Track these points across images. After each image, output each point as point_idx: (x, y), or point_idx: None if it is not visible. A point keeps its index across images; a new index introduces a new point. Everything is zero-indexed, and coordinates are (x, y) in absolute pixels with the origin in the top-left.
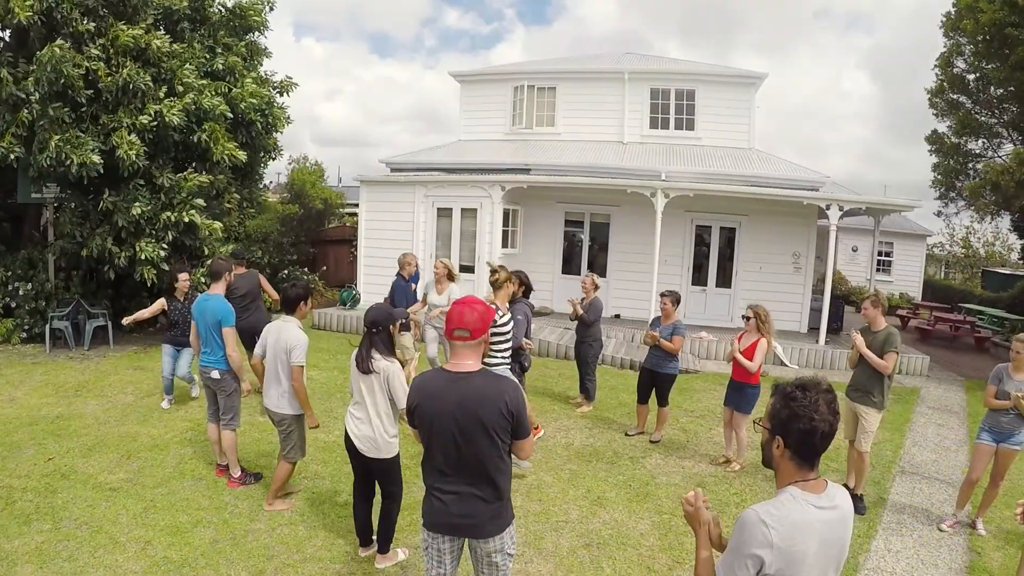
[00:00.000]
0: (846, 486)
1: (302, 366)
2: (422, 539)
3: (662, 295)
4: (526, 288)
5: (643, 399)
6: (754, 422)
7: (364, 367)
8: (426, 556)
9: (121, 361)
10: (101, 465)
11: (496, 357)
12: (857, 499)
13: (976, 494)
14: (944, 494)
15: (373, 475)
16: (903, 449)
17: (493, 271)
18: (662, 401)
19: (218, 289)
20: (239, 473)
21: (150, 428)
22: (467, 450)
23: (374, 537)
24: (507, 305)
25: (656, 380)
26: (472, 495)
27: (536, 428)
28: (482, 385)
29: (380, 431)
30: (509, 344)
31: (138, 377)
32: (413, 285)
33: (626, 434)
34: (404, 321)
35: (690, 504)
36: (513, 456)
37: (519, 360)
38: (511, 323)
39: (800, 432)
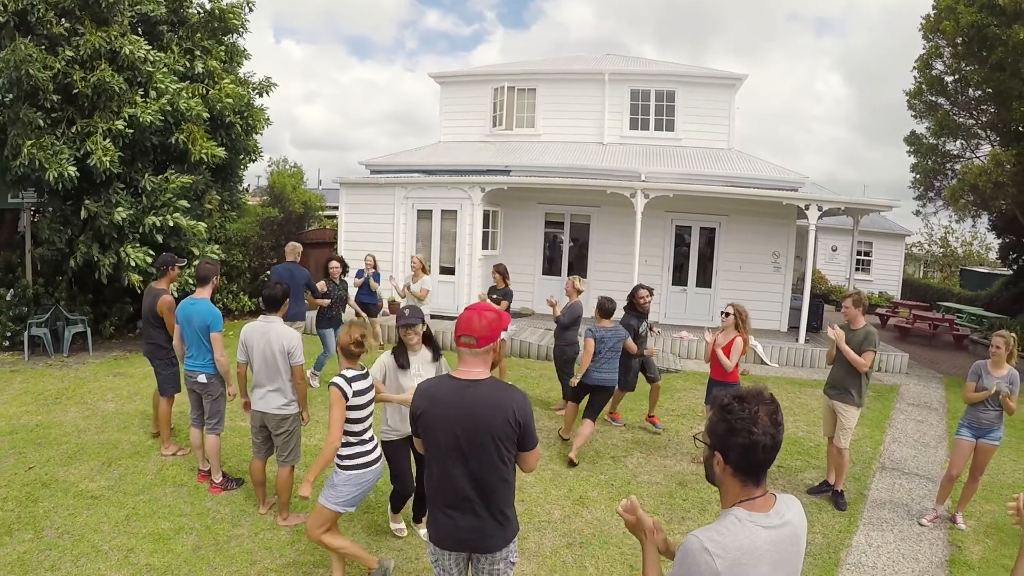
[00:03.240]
0: (826, 482)
1: (303, 365)
2: (429, 552)
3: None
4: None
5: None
6: (694, 437)
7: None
8: (435, 568)
9: (101, 367)
10: (82, 473)
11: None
12: (838, 495)
13: (956, 489)
14: (924, 489)
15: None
16: (883, 445)
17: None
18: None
19: (204, 293)
20: (220, 478)
21: (131, 435)
22: (472, 460)
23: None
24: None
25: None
26: (478, 509)
27: (615, 415)
28: (490, 393)
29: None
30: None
31: (118, 383)
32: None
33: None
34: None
35: (629, 513)
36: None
37: None
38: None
39: (740, 447)
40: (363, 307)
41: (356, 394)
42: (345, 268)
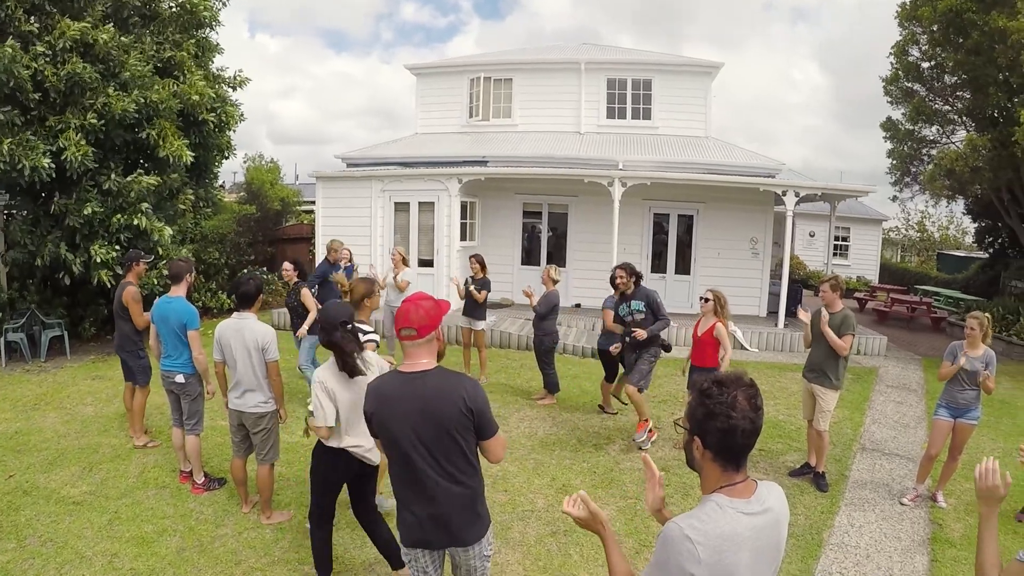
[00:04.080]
0: (807, 465)
1: (278, 361)
2: (403, 554)
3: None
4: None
5: (611, 378)
6: (674, 422)
7: (349, 370)
8: (411, 569)
9: (79, 371)
10: (63, 479)
11: None
12: (819, 477)
13: (936, 468)
14: (904, 469)
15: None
16: (863, 427)
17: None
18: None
19: (180, 291)
20: (203, 479)
21: (111, 438)
22: (432, 454)
23: None
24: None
25: (603, 356)
26: (444, 504)
27: (644, 421)
28: (438, 383)
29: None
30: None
31: (97, 387)
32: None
33: (604, 411)
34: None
35: (576, 512)
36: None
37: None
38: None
39: (718, 431)
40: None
41: None
42: (301, 271)
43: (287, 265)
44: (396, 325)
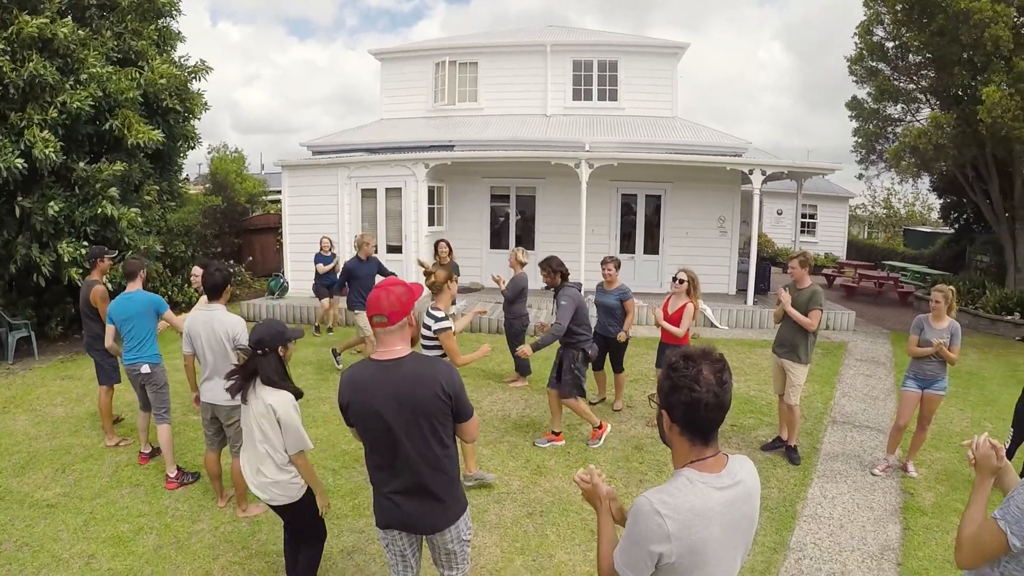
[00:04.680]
0: (779, 439)
1: None
2: (380, 538)
3: (603, 262)
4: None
5: (598, 366)
6: (648, 397)
7: (243, 396)
8: (388, 553)
9: (48, 372)
10: (36, 482)
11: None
12: (791, 450)
13: (905, 439)
14: (875, 441)
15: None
16: (833, 400)
17: (427, 273)
18: (617, 367)
19: (136, 286)
20: (175, 472)
21: (83, 439)
22: (408, 440)
23: None
24: (451, 307)
25: (609, 345)
26: (421, 489)
27: (597, 428)
28: (414, 369)
29: (275, 474)
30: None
31: (67, 387)
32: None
33: (590, 403)
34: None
35: (586, 481)
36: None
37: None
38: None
39: (682, 404)
40: (318, 290)
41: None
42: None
43: (196, 270)
44: (368, 312)
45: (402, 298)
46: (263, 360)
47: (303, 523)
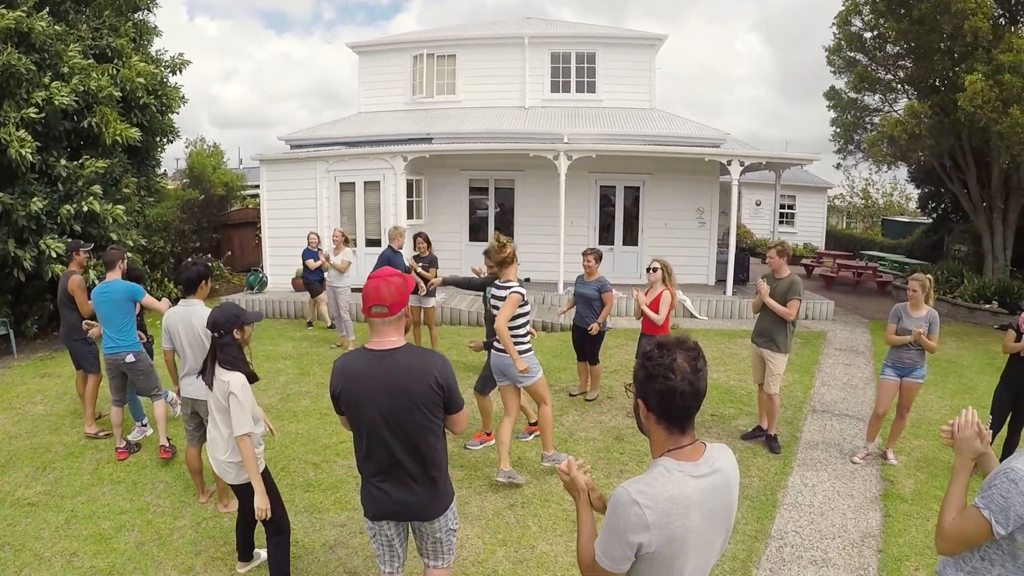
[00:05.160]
0: (759, 428)
1: None
2: (367, 527)
3: (584, 253)
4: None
5: (581, 356)
6: (626, 386)
7: (207, 380)
8: (374, 543)
9: (27, 370)
10: (17, 480)
11: (522, 343)
12: (771, 439)
13: (885, 427)
14: (855, 429)
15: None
16: (813, 389)
17: (502, 245)
18: (592, 359)
19: (114, 276)
20: (167, 442)
21: (63, 436)
22: (400, 430)
23: (258, 551)
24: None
25: (584, 337)
26: (410, 479)
27: (485, 435)
28: (409, 360)
29: (231, 454)
30: (528, 326)
31: (46, 384)
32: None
33: (569, 394)
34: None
35: (565, 473)
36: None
37: None
38: (527, 304)
39: (657, 393)
40: (308, 285)
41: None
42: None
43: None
44: (366, 303)
45: (401, 289)
46: (220, 342)
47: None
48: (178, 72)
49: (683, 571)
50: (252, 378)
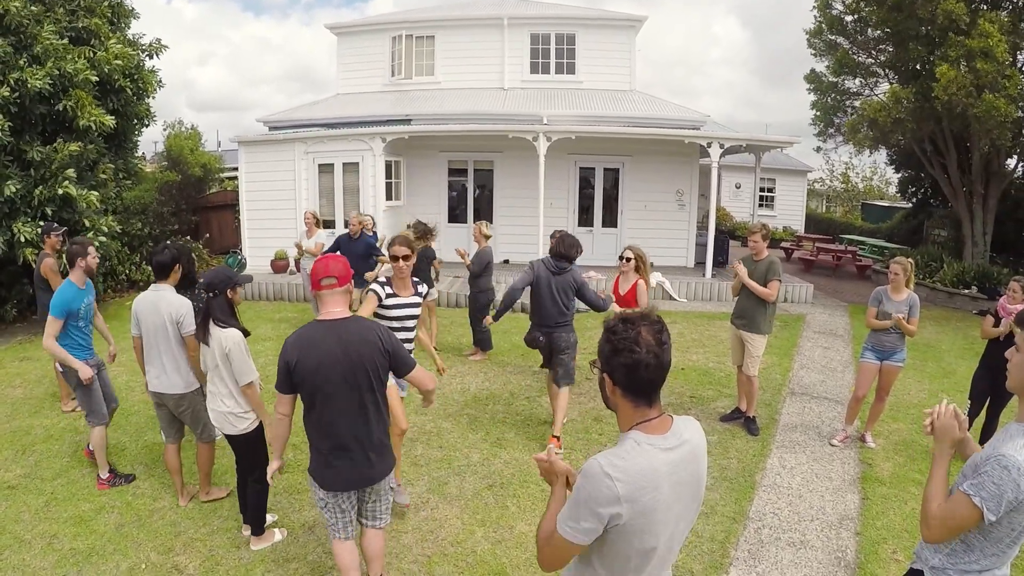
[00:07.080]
0: (738, 410)
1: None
2: (319, 498)
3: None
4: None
5: None
6: (591, 363)
7: (201, 335)
8: (327, 513)
9: (6, 354)
10: None
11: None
12: (750, 421)
13: (864, 410)
14: (833, 412)
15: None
16: (792, 372)
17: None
18: None
19: (74, 276)
20: (107, 474)
21: (43, 419)
22: (353, 397)
23: (273, 530)
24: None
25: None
26: (363, 446)
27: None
28: (357, 329)
29: (232, 406)
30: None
31: (25, 368)
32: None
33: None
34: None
35: (543, 460)
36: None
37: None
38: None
39: (623, 366)
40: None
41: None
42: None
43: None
44: (315, 278)
45: (345, 264)
46: (213, 302)
47: (253, 458)
48: (155, 56)
49: (655, 544)
50: (245, 333)
